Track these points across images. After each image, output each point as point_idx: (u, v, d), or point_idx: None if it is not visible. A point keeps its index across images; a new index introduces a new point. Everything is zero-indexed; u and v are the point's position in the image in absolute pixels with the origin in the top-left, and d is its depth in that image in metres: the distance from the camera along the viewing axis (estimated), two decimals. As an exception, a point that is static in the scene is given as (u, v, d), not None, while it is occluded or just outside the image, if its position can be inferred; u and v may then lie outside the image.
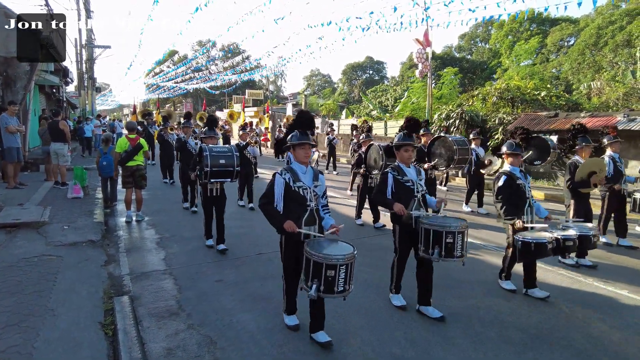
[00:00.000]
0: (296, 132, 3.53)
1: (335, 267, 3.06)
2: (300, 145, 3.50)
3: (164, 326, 3.85)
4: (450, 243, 3.82)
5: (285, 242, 3.57)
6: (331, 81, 64.83)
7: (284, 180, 3.45)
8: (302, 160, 3.56)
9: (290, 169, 3.55)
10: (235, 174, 5.90)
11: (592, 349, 3.60)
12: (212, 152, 5.74)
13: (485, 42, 44.95)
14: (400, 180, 4.11)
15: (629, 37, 26.11)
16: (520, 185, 4.56)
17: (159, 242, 6.53)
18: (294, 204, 3.46)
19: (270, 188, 3.48)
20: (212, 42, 31.97)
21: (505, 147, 4.76)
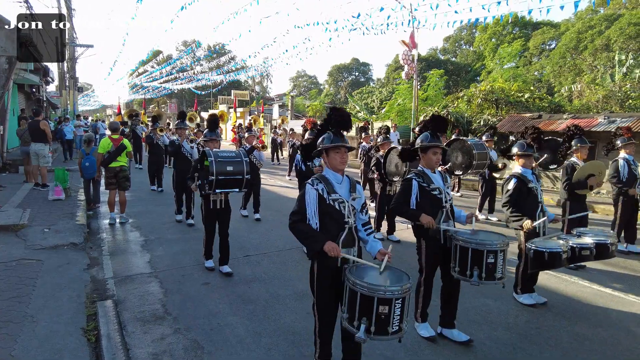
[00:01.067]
0: (329, 133, 2.90)
1: (390, 301, 2.45)
2: (335, 149, 2.86)
3: (149, 331, 3.76)
4: (491, 263, 3.34)
5: (319, 269, 2.87)
6: (317, 82, 64.90)
7: (317, 192, 2.82)
8: (338, 168, 2.90)
9: (323, 178, 2.89)
10: (245, 182, 5.02)
11: (579, 348, 3.63)
12: (217, 157, 4.85)
13: (469, 45, 45.57)
14: (427, 188, 3.57)
15: (607, 42, 26.77)
16: (531, 189, 4.27)
17: (143, 244, 6.39)
18: (329, 221, 2.82)
19: (301, 202, 2.86)
20: (198, 43, 31.62)
21: (516, 148, 4.44)
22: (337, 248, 2.67)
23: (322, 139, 2.93)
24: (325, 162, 2.96)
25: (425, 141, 3.62)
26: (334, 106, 2.94)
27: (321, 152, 2.93)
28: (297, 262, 5.72)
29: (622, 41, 25.51)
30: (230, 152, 5.20)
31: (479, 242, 3.37)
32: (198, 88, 38.07)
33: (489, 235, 3.59)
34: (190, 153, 7.59)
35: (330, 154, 2.89)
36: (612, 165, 6.32)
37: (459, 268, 3.47)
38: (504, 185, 4.42)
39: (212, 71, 31.72)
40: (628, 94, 17.52)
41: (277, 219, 7.94)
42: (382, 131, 7.88)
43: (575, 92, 20.34)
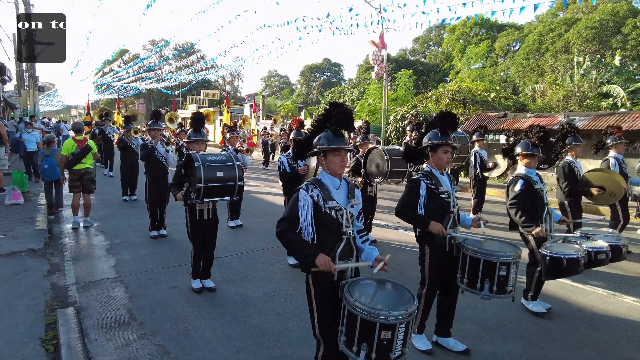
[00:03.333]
0: (327, 132, 2.57)
1: (394, 327, 2.19)
2: (333, 152, 2.54)
3: (113, 337, 3.62)
4: (503, 276, 3.11)
5: (316, 285, 2.56)
6: (289, 82, 64.73)
7: (312, 199, 2.50)
8: (336, 172, 2.58)
9: (318, 182, 2.58)
10: (238, 190, 4.44)
11: (543, 338, 3.75)
12: (205, 162, 4.23)
13: (438, 46, 46.55)
14: (435, 192, 3.27)
15: (566, 44, 27.94)
16: (538, 191, 4.05)
17: (108, 248, 6.18)
18: (325, 231, 2.51)
19: (293, 209, 2.52)
20: (166, 42, 30.94)
21: (520, 148, 4.19)
22: (329, 263, 2.37)
23: (319, 139, 2.59)
24: (322, 165, 2.63)
25: (435, 139, 3.31)
26: (334, 102, 2.64)
27: (317, 153, 2.62)
28: (268, 262, 5.67)
29: (579, 44, 26.69)
30: (220, 156, 4.51)
31: (492, 253, 3.13)
32: (167, 88, 37.24)
33: (500, 245, 3.32)
34: (164, 157, 6.92)
35: (328, 156, 2.56)
36: (604, 165, 6.31)
37: (467, 280, 3.22)
38: (509, 187, 4.16)
39: (181, 70, 31.09)
40: (586, 94, 18.36)
41: (251, 220, 7.84)
42: (362, 130, 7.31)
43: (538, 92, 21.16)
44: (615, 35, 26.87)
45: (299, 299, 4.48)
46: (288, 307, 4.29)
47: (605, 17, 26.77)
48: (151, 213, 6.83)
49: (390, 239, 7.03)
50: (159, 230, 6.87)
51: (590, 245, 3.85)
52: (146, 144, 6.99)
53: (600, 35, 26.89)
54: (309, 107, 38.37)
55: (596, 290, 4.86)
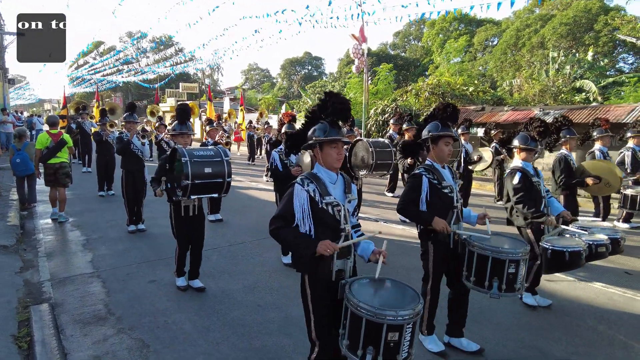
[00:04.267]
0: (323, 124, 2.45)
1: (401, 327, 2.08)
2: (330, 144, 2.42)
3: (90, 333, 3.57)
4: (512, 274, 2.98)
5: (312, 285, 2.43)
6: (270, 76, 64.22)
7: (308, 194, 2.38)
8: (333, 165, 2.46)
9: (314, 177, 2.45)
10: (227, 186, 4.20)
11: (516, 324, 3.87)
12: (193, 157, 3.99)
13: (418, 40, 46.87)
14: (437, 186, 3.15)
15: (542, 40, 28.55)
16: (535, 184, 4.02)
17: (85, 244, 6.06)
18: (322, 227, 2.40)
19: (288, 205, 2.40)
20: (143, 34, 30.22)
21: (517, 141, 4.10)
22: (331, 244, 2.26)
23: (314, 130, 2.46)
24: (317, 159, 2.49)
25: (436, 131, 3.19)
26: (330, 91, 2.53)
27: (312, 145, 2.48)
28: (248, 255, 5.66)
29: (554, 40, 27.31)
30: (208, 151, 4.28)
31: (501, 250, 2.99)
32: (145, 81, 36.45)
33: (508, 241, 3.20)
34: (141, 150, 6.74)
35: (324, 149, 2.43)
36: (589, 157, 6.37)
37: (474, 278, 3.09)
38: (506, 181, 4.12)
39: (159, 63, 30.47)
40: (560, 88, 18.84)
41: (231, 215, 7.79)
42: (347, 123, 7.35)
43: (515, 86, 21.59)
44: (588, 31, 27.59)
45: (280, 291, 4.50)
46: (268, 299, 4.30)
47: (578, 14, 27.44)
48: (128, 207, 6.67)
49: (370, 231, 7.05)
50: (137, 225, 6.71)
51: (590, 239, 3.83)
52: (122, 137, 6.78)
53: (574, 31, 27.57)
54: (290, 101, 38.21)
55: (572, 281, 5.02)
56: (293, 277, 4.86)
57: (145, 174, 6.73)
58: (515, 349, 3.44)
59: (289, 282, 4.74)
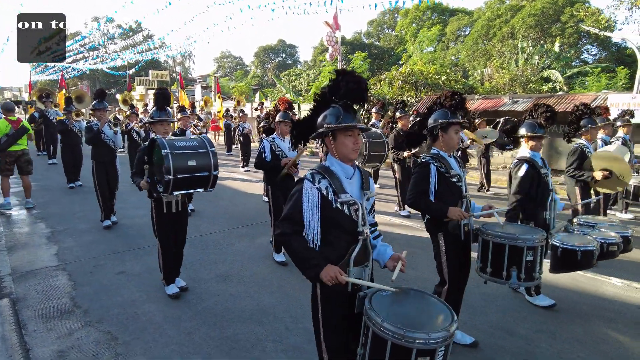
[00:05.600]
0: (336, 108, 2.09)
1: (433, 352, 1.77)
2: (345, 131, 2.07)
3: (54, 327, 3.46)
4: (530, 262, 2.84)
5: (324, 297, 2.13)
6: (243, 64, 63.13)
7: (319, 192, 2.04)
8: (349, 157, 2.12)
9: (327, 171, 2.11)
10: (213, 180, 3.79)
11: (485, 306, 3.98)
12: (175, 148, 3.55)
13: (392, 29, 46.99)
14: (446, 175, 2.98)
15: (512, 30, 29.11)
16: (543, 175, 3.76)
17: (49, 236, 5.84)
18: (336, 231, 2.07)
19: (296, 205, 2.06)
20: (109, 18, 29.05)
21: (524, 129, 3.85)
22: (337, 275, 1.92)
23: (325, 116, 2.11)
24: (330, 149, 2.15)
25: (445, 118, 3.03)
26: (342, 69, 2.21)
27: (323, 134, 2.13)
28: (220, 245, 5.59)
29: (524, 30, 27.90)
30: (191, 141, 3.82)
31: (518, 237, 2.85)
32: (113, 68, 35.18)
33: (523, 229, 3.10)
34: (112, 140, 6.37)
35: (338, 138, 2.08)
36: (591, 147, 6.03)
37: (491, 269, 2.93)
38: (512, 171, 3.89)
39: (127, 50, 29.42)
40: (529, 78, 19.34)
41: (203, 205, 7.66)
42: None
43: (486, 75, 22.01)
44: (555, 23, 28.30)
45: (252, 279, 4.48)
46: (241, 288, 4.27)
47: (546, 6, 28.06)
48: (102, 201, 6.28)
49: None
50: (110, 218, 6.37)
51: (601, 236, 3.59)
52: (91, 126, 6.38)
53: (542, 22, 28.22)
54: (264, 89, 37.74)
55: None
56: (266, 265, 4.86)
57: (117, 165, 6.46)
58: (484, 329, 3.55)
59: (261, 271, 4.73)
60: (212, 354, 3.12)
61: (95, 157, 6.33)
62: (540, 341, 3.35)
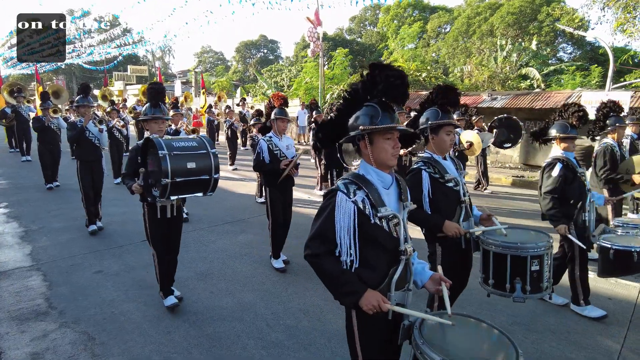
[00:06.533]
0: (371, 107, 1.83)
1: None
2: (383, 134, 1.82)
3: (28, 329, 3.37)
4: (536, 271, 2.59)
5: (362, 323, 1.85)
6: (224, 59, 62.40)
7: (355, 207, 1.76)
8: (387, 163, 1.85)
9: (363, 180, 1.83)
10: (213, 184, 3.46)
11: (461, 299, 4.05)
12: (172, 149, 3.23)
13: (373, 26, 47.15)
14: (440, 181, 2.73)
15: (491, 28, 29.59)
16: (579, 175, 3.60)
17: (23, 236, 5.68)
18: (375, 250, 1.81)
19: (327, 221, 1.78)
20: (84, 12, 28.26)
21: (556, 130, 3.66)
22: (380, 303, 1.70)
23: (357, 117, 1.84)
24: (364, 155, 1.88)
25: (436, 119, 2.79)
26: (378, 62, 1.88)
27: (357, 138, 1.85)
28: (200, 243, 5.54)
29: (502, 28, 28.40)
30: (190, 141, 3.48)
31: (520, 246, 2.59)
32: (90, 63, 34.31)
33: (527, 234, 2.83)
34: (98, 138, 5.99)
35: (375, 142, 1.82)
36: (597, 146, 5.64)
37: (494, 280, 2.69)
38: (543, 171, 3.71)
39: (104, 44, 28.72)
40: (507, 75, 19.69)
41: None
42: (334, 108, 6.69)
43: (466, 72, 22.30)
44: (532, 21, 28.88)
45: (233, 277, 4.46)
46: (221, 285, 4.25)
47: (524, 4, 28.60)
48: (87, 204, 5.88)
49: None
50: (96, 223, 5.96)
51: None
52: (75, 123, 5.98)
53: (520, 20, 28.76)
54: (245, 85, 37.42)
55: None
56: (247, 263, 4.85)
57: (103, 164, 6.16)
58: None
59: (242, 268, 4.71)
60: (193, 353, 3.10)
61: (80, 156, 5.95)
62: (515, 332, 3.44)
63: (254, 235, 5.84)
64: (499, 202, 8.20)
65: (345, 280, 1.74)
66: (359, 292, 1.71)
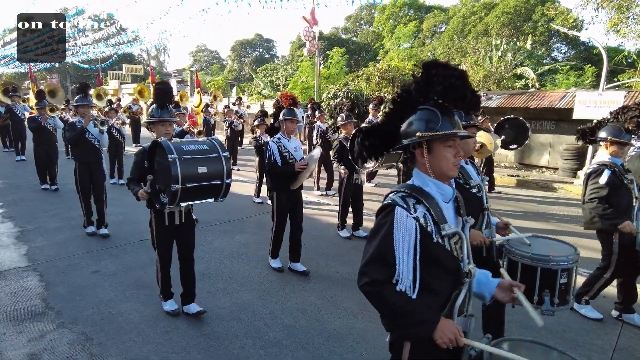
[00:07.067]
0: (428, 111, 1.61)
1: None
2: (444, 141, 1.62)
3: (25, 330, 3.37)
4: (565, 284, 2.50)
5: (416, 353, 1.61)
6: (220, 58, 62.26)
7: (416, 223, 1.54)
8: (447, 174, 1.65)
9: (421, 193, 1.62)
10: (225, 189, 3.28)
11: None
12: (183, 153, 3.03)
13: (369, 25, 47.20)
14: (465, 186, 2.58)
15: (486, 27, 29.73)
16: (626, 183, 3.45)
17: (18, 236, 5.65)
18: (437, 273, 1.58)
19: (385, 242, 1.54)
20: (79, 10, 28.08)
21: (607, 133, 3.47)
22: (457, 336, 1.51)
23: (411, 123, 1.63)
24: (421, 164, 1.66)
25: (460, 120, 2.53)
26: (434, 60, 1.62)
27: (409, 146, 1.66)
28: (197, 242, 5.52)
29: (497, 28, 28.53)
30: (200, 144, 3.25)
31: (552, 258, 2.50)
32: (85, 62, 34.10)
33: (555, 246, 2.72)
34: (98, 139, 5.75)
35: (435, 150, 1.62)
36: None
37: None
38: (589, 177, 3.55)
39: (99, 43, 28.54)
40: (502, 74, 19.79)
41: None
42: (344, 108, 6.07)
43: (461, 72, 22.39)
44: (527, 21, 29.04)
45: (230, 277, 4.47)
46: (219, 285, 4.26)
47: (518, 4, 28.76)
48: (85, 206, 5.74)
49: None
50: (99, 230, 5.74)
51: None
52: (74, 124, 5.74)
53: (515, 20, 28.91)
54: (241, 84, 37.35)
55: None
56: (244, 262, 4.86)
57: (104, 166, 6.00)
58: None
59: (240, 268, 4.72)
60: (191, 353, 3.11)
61: (79, 158, 5.74)
62: (511, 331, 3.47)
63: (251, 235, 5.85)
64: (507, 204, 8.24)
65: (415, 309, 1.51)
66: (433, 322, 1.50)
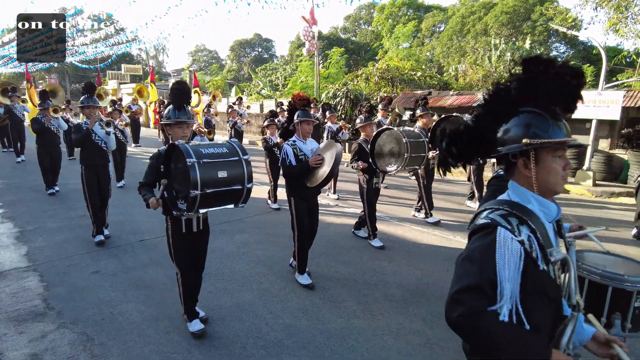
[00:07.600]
0: (531, 114, 1.39)
1: None
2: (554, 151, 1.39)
3: (26, 330, 3.36)
4: (639, 308, 2.19)
5: None
6: (219, 58, 62.23)
7: (522, 247, 1.31)
8: (555, 189, 1.43)
9: (524, 211, 1.39)
10: (246, 194, 3.10)
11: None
12: (201, 157, 2.87)
13: (368, 25, 47.22)
14: None
15: (485, 27, 29.77)
16: None
17: (18, 236, 5.65)
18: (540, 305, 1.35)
19: (487, 268, 1.29)
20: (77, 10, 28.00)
21: None
22: None
23: (509, 128, 1.42)
24: (524, 176, 1.44)
25: None
26: (537, 56, 1.32)
27: (509, 155, 1.44)
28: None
29: (496, 27, 28.58)
30: (219, 147, 3.08)
31: (626, 278, 2.17)
32: (83, 62, 34.05)
33: (621, 263, 2.41)
34: (105, 141, 5.60)
35: (543, 159, 1.39)
36: None
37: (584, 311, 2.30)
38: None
39: (98, 43, 28.50)
40: (501, 74, 19.80)
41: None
42: (364, 110, 5.75)
43: (461, 71, 22.40)
44: (525, 21, 29.10)
45: (231, 277, 4.47)
46: (219, 285, 4.26)
47: (517, 4, 28.82)
48: (93, 212, 5.45)
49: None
50: (103, 233, 5.57)
51: None
52: (80, 126, 5.60)
53: (514, 20, 28.97)
54: (240, 84, 37.33)
55: None
56: (245, 262, 4.86)
57: (110, 169, 5.96)
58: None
59: (240, 267, 4.72)
60: (192, 353, 3.11)
61: (85, 160, 5.54)
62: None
63: (251, 235, 5.85)
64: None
65: (529, 341, 1.25)
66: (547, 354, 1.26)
